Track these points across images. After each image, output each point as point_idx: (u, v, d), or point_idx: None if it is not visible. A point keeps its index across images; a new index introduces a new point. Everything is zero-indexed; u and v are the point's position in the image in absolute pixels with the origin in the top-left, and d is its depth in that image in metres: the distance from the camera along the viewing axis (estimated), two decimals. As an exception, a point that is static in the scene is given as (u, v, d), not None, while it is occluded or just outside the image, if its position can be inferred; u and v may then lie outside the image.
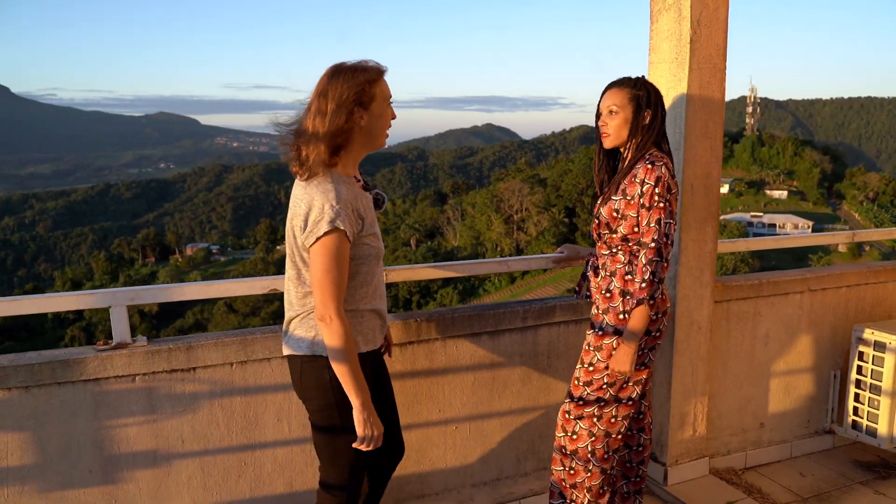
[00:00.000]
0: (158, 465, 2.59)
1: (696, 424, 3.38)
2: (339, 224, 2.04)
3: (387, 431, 2.41)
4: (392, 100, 2.24)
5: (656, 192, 2.41)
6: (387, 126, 2.23)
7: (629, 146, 2.54)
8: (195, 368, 2.58)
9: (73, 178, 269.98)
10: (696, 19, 3.03)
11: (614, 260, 2.56)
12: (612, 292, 2.54)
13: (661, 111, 2.52)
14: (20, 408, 2.40)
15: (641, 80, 2.52)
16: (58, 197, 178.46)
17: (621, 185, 2.50)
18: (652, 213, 2.42)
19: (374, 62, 2.17)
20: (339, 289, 2.07)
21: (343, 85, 2.08)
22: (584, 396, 2.59)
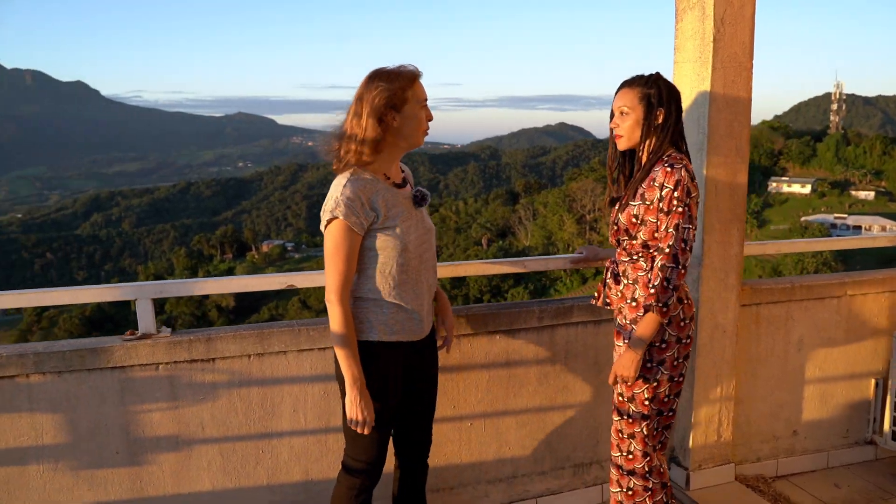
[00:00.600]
0: (180, 450, 2.73)
1: (721, 430, 3.32)
2: (337, 213, 2.20)
3: (411, 424, 2.57)
4: (427, 101, 2.34)
5: (675, 195, 2.35)
6: (420, 127, 2.33)
7: (644, 147, 2.47)
8: (214, 359, 2.71)
9: (157, 177, 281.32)
10: (720, 17, 2.98)
11: (636, 267, 2.51)
12: (638, 301, 2.48)
13: (675, 109, 2.44)
14: (54, 391, 2.58)
15: (654, 78, 2.45)
16: (142, 194, 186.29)
17: (639, 189, 2.45)
18: (670, 218, 2.36)
19: (411, 66, 2.30)
20: (340, 274, 2.22)
21: (376, 89, 2.22)
22: (631, 413, 2.55)
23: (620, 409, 2.59)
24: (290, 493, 2.88)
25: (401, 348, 2.38)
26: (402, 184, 2.41)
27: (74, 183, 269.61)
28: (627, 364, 2.43)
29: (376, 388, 2.32)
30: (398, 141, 2.31)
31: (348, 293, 2.27)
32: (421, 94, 2.30)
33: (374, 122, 2.22)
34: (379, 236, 2.27)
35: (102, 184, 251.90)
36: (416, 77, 2.28)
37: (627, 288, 2.53)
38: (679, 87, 3.13)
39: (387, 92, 2.21)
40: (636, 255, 2.50)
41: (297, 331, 2.77)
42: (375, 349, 2.33)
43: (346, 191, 2.22)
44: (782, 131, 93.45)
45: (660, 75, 2.47)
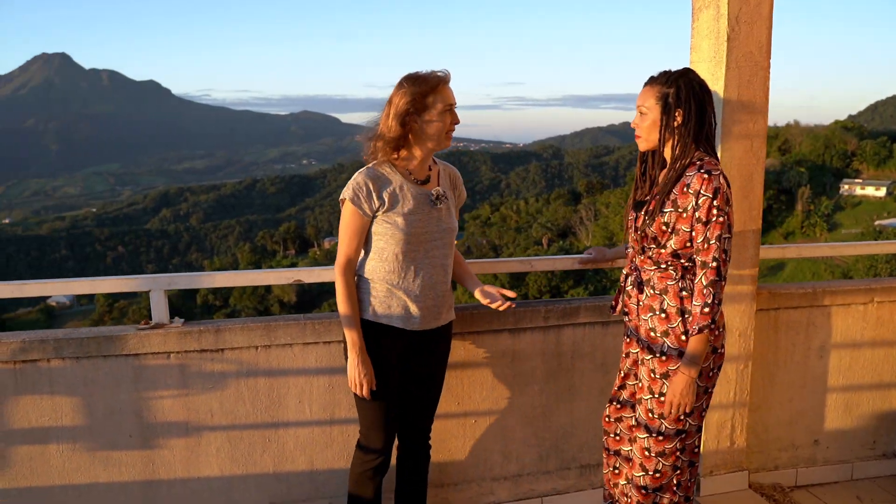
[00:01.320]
0: (190, 435, 2.85)
1: (735, 436, 3.27)
2: (346, 196, 2.45)
3: (412, 408, 2.69)
4: (454, 105, 2.47)
5: (715, 204, 2.21)
6: (444, 131, 2.46)
7: (666, 149, 2.37)
8: (223, 350, 2.82)
9: (224, 174, 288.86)
10: (735, 16, 2.93)
11: (664, 276, 2.38)
12: (668, 312, 2.35)
13: (695, 110, 2.28)
14: (72, 375, 2.73)
15: (675, 76, 2.31)
16: (209, 191, 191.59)
17: (671, 195, 2.31)
18: (711, 229, 2.22)
19: (441, 72, 2.42)
20: (345, 250, 2.48)
21: (402, 94, 2.38)
22: (664, 430, 2.41)
23: (650, 427, 2.43)
24: (296, 482, 2.96)
25: (394, 332, 2.51)
26: (425, 181, 2.54)
27: (145, 179, 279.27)
28: (686, 390, 2.29)
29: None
30: (423, 142, 2.47)
31: (352, 269, 2.51)
32: (447, 99, 2.43)
33: (397, 123, 2.39)
34: (382, 223, 2.47)
35: (172, 180, 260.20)
36: (443, 82, 2.42)
37: (653, 298, 2.40)
38: (694, 87, 3.11)
39: (410, 96, 2.37)
40: (664, 265, 2.38)
41: (303, 324, 2.85)
42: (366, 328, 2.50)
43: (359, 178, 2.46)
44: (856, 132, 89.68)
45: (686, 72, 2.33)
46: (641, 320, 2.46)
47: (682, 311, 2.34)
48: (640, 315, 2.47)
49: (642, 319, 2.46)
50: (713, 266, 2.23)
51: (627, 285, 2.56)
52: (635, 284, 2.50)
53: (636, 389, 2.56)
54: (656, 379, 2.40)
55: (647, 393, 2.44)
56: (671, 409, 2.33)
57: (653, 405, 2.42)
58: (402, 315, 2.50)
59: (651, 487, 2.49)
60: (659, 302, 2.39)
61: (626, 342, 2.63)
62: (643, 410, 2.46)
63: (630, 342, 2.58)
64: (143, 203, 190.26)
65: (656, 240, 2.36)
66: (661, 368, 2.38)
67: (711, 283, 2.23)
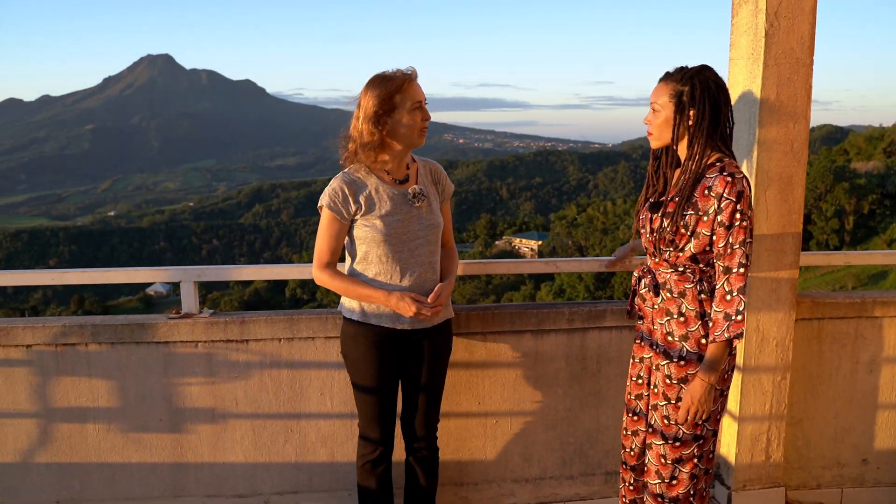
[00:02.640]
0: (216, 422, 2.96)
1: (771, 450, 3.12)
2: (323, 203, 2.47)
3: (410, 407, 2.68)
4: (423, 102, 2.45)
5: (738, 209, 2.17)
6: (416, 128, 2.45)
7: (680, 148, 2.32)
8: (248, 341, 2.91)
9: (314, 170, 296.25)
10: (774, 11, 2.80)
11: (682, 279, 2.31)
12: (687, 316, 2.30)
13: (710, 110, 2.22)
14: (108, 360, 2.88)
15: (690, 73, 2.23)
16: (300, 187, 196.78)
17: (691, 197, 2.25)
18: (734, 234, 2.18)
19: (408, 69, 2.42)
20: (320, 252, 2.50)
21: (369, 95, 2.38)
22: (681, 436, 2.35)
23: (665, 434, 2.36)
24: (317, 473, 3.03)
25: (380, 331, 2.52)
26: (404, 180, 2.53)
27: (239, 175, 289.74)
28: (706, 395, 2.23)
29: (358, 364, 2.55)
30: (395, 142, 2.46)
31: (327, 268, 2.51)
32: (415, 96, 2.41)
33: (369, 126, 2.38)
34: (362, 227, 2.47)
35: (264, 176, 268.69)
36: (409, 80, 2.40)
37: (670, 302, 2.33)
38: (732, 86, 3.01)
39: (378, 98, 2.37)
40: (682, 268, 2.32)
41: (325, 318, 2.91)
42: (357, 328, 2.53)
43: (335, 183, 2.47)
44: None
45: (702, 69, 2.25)
46: (657, 324, 2.39)
47: (701, 314, 2.28)
48: (656, 319, 2.40)
49: (658, 323, 2.39)
50: (740, 272, 2.18)
51: (641, 288, 2.48)
52: (650, 287, 2.42)
53: (650, 396, 2.47)
54: (673, 384, 2.34)
55: (663, 399, 2.37)
56: (689, 415, 2.27)
57: (668, 411, 2.36)
58: (391, 314, 2.49)
59: (668, 496, 2.42)
60: (677, 305, 2.33)
61: (637, 346, 2.56)
62: (658, 417, 2.39)
63: (642, 347, 2.51)
64: (237, 198, 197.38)
65: (674, 242, 2.30)
66: (679, 373, 2.32)
67: (740, 289, 2.18)
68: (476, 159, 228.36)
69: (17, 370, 2.85)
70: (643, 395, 2.52)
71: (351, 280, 2.48)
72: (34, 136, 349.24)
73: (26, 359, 2.85)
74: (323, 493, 3.05)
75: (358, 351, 2.53)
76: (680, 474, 2.39)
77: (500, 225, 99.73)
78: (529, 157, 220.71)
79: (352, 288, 2.47)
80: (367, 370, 2.54)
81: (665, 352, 2.35)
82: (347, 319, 2.56)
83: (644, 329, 2.49)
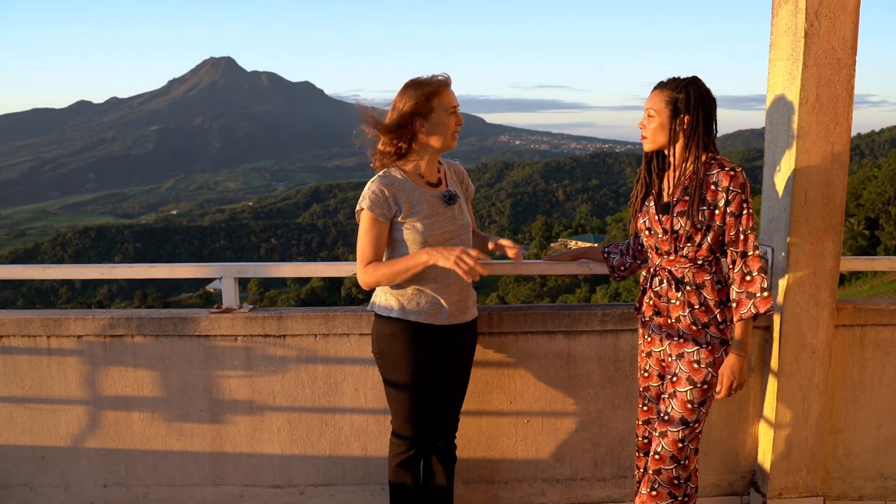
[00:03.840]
0: (254, 414, 3.05)
1: (808, 458, 3.06)
2: (364, 205, 2.49)
3: (438, 403, 2.70)
4: (457, 107, 2.53)
5: (744, 198, 2.37)
6: (449, 132, 2.53)
7: (672, 151, 2.46)
8: (285, 336, 3.00)
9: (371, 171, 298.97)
10: (815, 10, 2.75)
11: (701, 272, 2.46)
12: (708, 305, 2.45)
13: (702, 117, 2.40)
14: (152, 351, 3.00)
15: (685, 82, 2.41)
16: (357, 187, 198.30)
17: (702, 194, 2.40)
18: (745, 221, 2.38)
19: (442, 76, 2.51)
20: (364, 254, 2.50)
21: (405, 98, 2.47)
22: (700, 418, 2.49)
23: (687, 419, 2.46)
24: (350, 467, 3.10)
25: (418, 328, 2.56)
26: (436, 183, 2.59)
27: (298, 175, 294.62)
28: (742, 370, 2.41)
29: (396, 362, 2.57)
30: (429, 144, 2.53)
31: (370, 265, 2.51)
32: (449, 102, 2.49)
33: (402, 128, 2.47)
34: (402, 229, 2.50)
35: (322, 177, 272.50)
36: (444, 86, 2.48)
37: (691, 294, 2.46)
38: (772, 87, 2.97)
39: (414, 100, 2.44)
40: (701, 261, 2.46)
41: (360, 315, 2.98)
42: (395, 326, 2.56)
43: (374, 186, 2.51)
44: None
45: (695, 80, 2.43)
46: (680, 316, 2.50)
47: (719, 302, 2.46)
48: (678, 312, 2.50)
49: (681, 316, 2.50)
50: (756, 254, 2.37)
51: (655, 286, 2.57)
52: (669, 283, 2.51)
53: (667, 385, 2.55)
54: (701, 369, 2.45)
55: (687, 384, 2.47)
56: (728, 388, 2.41)
57: (693, 395, 2.46)
58: (430, 310, 2.55)
59: (683, 477, 2.55)
60: (697, 296, 2.46)
61: (646, 342, 2.65)
62: (679, 404, 2.48)
63: (652, 341, 2.62)
64: (296, 198, 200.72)
65: (691, 238, 2.43)
66: (709, 358, 2.45)
67: (759, 269, 2.37)
68: (532, 161, 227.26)
69: (68, 359, 3.00)
70: (650, 386, 2.66)
71: (390, 261, 2.49)
72: (102, 137, 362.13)
73: (77, 348, 2.99)
74: (356, 486, 3.12)
75: (396, 349, 2.56)
76: (690, 453, 2.54)
77: (556, 227, 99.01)
78: (586, 158, 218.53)
79: (396, 267, 2.46)
80: (406, 368, 2.57)
81: (694, 339, 2.48)
82: (383, 318, 2.59)
83: (655, 324, 2.58)
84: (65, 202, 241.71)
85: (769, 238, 3.03)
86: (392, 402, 2.65)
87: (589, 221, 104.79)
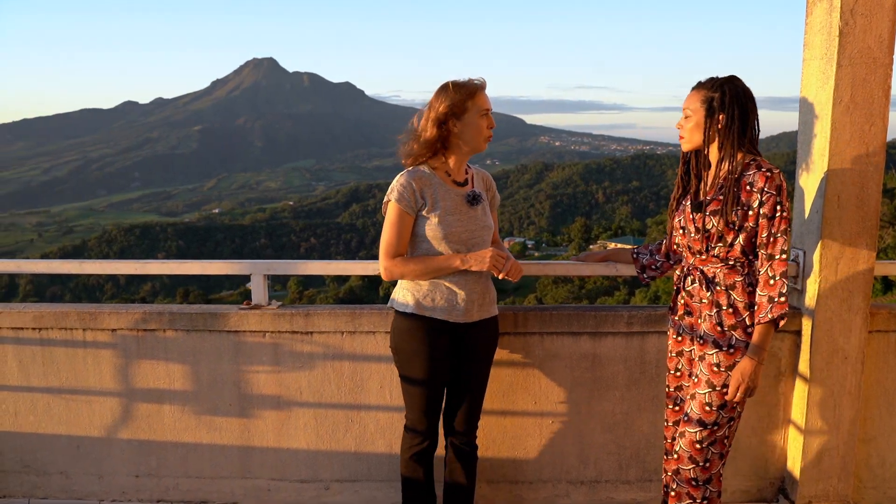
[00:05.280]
0: (281, 409, 3.10)
1: (839, 466, 3.00)
2: (391, 197, 2.55)
3: (456, 400, 2.73)
4: (490, 110, 2.57)
5: (779, 201, 2.34)
6: (481, 134, 2.58)
7: (710, 150, 2.45)
8: (312, 332, 3.04)
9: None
10: (850, 8, 2.70)
11: (732, 272, 2.43)
12: (736, 307, 2.42)
13: (738, 115, 2.37)
14: (183, 346, 3.07)
15: (721, 81, 2.39)
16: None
17: (736, 195, 2.38)
18: (776, 224, 2.34)
19: (478, 79, 2.56)
20: (388, 245, 2.55)
21: (441, 99, 2.52)
22: (719, 421, 2.46)
23: (705, 420, 2.45)
24: (375, 463, 3.13)
25: (434, 324, 2.58)
26: (463, 183, 2.62)
27: (338, 175, 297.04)
28: (755, 373, 2.36)
29: (410, 357, 2.61)
30: (461, 145, 2.58)
31: (396, 257, 2.57)
32: (482, 104, 2.53)
33: (435, 127, 2.51)
34: (424, 224, 2.55)
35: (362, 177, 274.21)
36: (479, 89, 2.54)
37: (720, 294, 2.44)
38: (805, 87, 2.93)
39: (450, 101, 2.49)
40: (732, 261, 2.43)
41: (385, 314, 3.00)
42: (411, 322, 2.59)
43: (402, 179, 2.56)
44: None
45: (732, 79, 2.41)
46: (706, 316, 2.48)
47: (749, 305, 2.42)
48: (704, 311, 2.49)
49: (706, 315, 2.47)
50: (782, 258, 2.34)
51: (688, 285, 2.55)
52: (701, 283, 2.49)
53: (690, 386, 2.53)
54: (721, 372, 2.43)
55: (707, 387, 2.45)
56: (739, 392, 2.37)
57: (712, 398, 2.44)
58: (445, 307, 2.57)
59: (702, 479, 2.52)
60: (726, 297, 2.44)
61: (676, 341, 2.63)
62: (698, 405, 2.47)
63: (682, 340, 2.59)
64: (335, 198, 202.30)
65: (723, 238, 2.41)
66: (728, 361, 2.42)
67: (782, 273, 2.33)
68: (572, 162, 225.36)
69: (103, 352, 3.08)
70: (682, 385, 2.63)
71: (422, 258, 2.54)
72: (148, 137, 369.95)
73: (111, 342, 3.08)
74: (381, 482, 3.15)
75: (411, 344, 2.60)
76: (713, 456, 2.50)
77: (596, 229, 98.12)
78: (626, 160, 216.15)
79: (427, 264, 2.52)
80: (421, 363, 2.60)
81: (715, 342, 2.45)
82: (401, 313, 2.64)
83: (686, 323, 2.56)
84: (111, 200, 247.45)
85: (801, 241, 2.98)
86: (407, 397, 2.68)
87: (629, 223, 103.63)
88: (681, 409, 2.64)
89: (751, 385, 2.36)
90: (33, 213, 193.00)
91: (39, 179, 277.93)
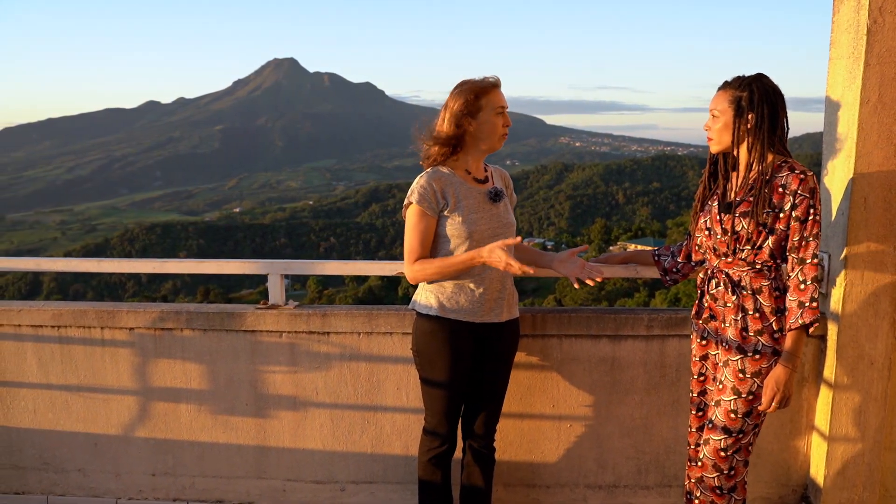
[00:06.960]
0: (297, 410, 3.09)
1: (864, 475, 2.93)
2: (412, 199, 2.51)
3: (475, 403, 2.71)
4: (506, 108, 2.55)
5: (811, 204, 2.28)
6: (496, 132, 2.55)
7: (740, 151, 2.38)
8: (328, 333, 3.02)
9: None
10: (878, 6, 2.64)
11: (759, 276, 2.37)
12: (763, 311, 2.36)
13: (768, 114, 2.30)
14: (200, 345, 3.07)
15: (748, 80, 2.32)
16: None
17: (767, 196, 2.31)
18: (809, 227, 2.28)
19: (492, 77, 2.54)
20: (412, 249, 2.52)
21: (456, 97, 2.50)
22: (744, 428, 2.42)
23: (730, 428, 2.40)
24: (391, 465, 3.11)
25: (457, 326, 2.56)
26: (483, 180, 2.60)
27: (358, 175, 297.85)
28: (789, 382, 2.31)
29: (433, 359, 2.58)
30: (477, 144, 2.56)
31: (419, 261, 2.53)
32: (497, 102, 2.51)
33: (452, 126, 2.49)
34: (447, 224, 2.51)
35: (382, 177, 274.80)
36: (494, 87, 2.51)
37: (746, 298, 2.38)
38: (831, 87, 2.87)
39: (463, 100, 2.47)
40: (759, 265, 2.38)
41: (403, 314, 2.99)
42: (434, 324, 2.56)
43: (422, 181, 2.53)
44: None
45: (759, 77, 2.34)
46: (730, 321, 2.42)
47: (776, 310, 2.36)
48: (729, 316, 2.43)
49: (731, 320, 2.42)
50: (813, 262, 2.28)
51: (712, 288, 2.49)
52: (726, 286, 2.43)
53: (715, 392, 2.49)
54: (746, 379, 2.38)
55: (732, 394, 2.40)
56: (774, 402, 2.32)
57: (737, 405, 2.39)
58: (469, 308, 2.55)
59: (727, 487, 2.48)
60: (752, 302, 2.38)
61: (700, 345, 2.57)
62: (722, 412, 2.42)
63: (707, 344, 2.54)
64: (355, 198, 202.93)
65: (751, 241, 2.35)
66: (754, 367, 2.37)
67: (814, 278, 2.28)
68: (592, 163, 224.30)
69: (121, 350, 3.09)
70: (707, 390, 2.58)
71: (440, 259, 2.50)
72: (170, 136, 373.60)
73: (129, 340, 3.08)
74: (396, 484, 3.13)
75: (433, 346, 2.57)
76: (737, 464, 2.46)
77: (616, 230, 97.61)
78: (647, 161, 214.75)
79: (446, 264, 2.48)
80: (442, 365, 2.57)
81: (739, 347, 2.40)
82: (423, 315, 2.61)
83: (710, 327, 2.51)
84: (133, 199, 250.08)
85: (826, 244, 2.92)
86: (427, 400, 2.66)
87: (649, 225, 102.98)
88: (704, 414, 2.59)
89: (786, 394, 2.31)
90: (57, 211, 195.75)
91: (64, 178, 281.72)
